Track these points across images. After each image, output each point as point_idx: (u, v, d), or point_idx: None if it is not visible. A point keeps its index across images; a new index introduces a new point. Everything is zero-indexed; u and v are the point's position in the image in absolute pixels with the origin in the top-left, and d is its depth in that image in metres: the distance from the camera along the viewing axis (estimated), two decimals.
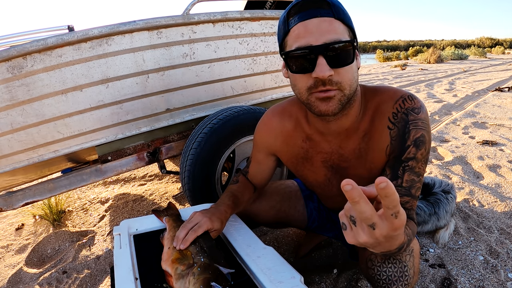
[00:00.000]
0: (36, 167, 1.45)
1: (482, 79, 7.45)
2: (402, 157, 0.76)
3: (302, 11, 0.69)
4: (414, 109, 0.76)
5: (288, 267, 0.79)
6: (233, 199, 0.97)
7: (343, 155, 0.86)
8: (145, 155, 1.55)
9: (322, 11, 0.67)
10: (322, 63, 0.66)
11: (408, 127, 0.75)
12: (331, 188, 0.96)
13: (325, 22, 0.67)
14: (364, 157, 0.83)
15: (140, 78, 1.42)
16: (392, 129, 0.77)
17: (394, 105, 0.77)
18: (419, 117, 0.75)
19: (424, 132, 0.75)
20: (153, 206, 2.07)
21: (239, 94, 1.70)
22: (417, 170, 0.75)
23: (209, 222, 0.83)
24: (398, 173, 0.76)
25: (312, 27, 0.67)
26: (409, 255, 0.80)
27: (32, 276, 1.51)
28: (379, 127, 0.79)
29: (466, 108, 4.24)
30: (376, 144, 0.80)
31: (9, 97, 1.22)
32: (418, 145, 0.75)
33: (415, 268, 0.81)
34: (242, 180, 1.07)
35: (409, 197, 0.75)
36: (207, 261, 0.73)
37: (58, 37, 1.23)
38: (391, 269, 0.77)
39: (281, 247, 1.52)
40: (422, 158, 0.76)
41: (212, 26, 1.53)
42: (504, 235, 1.49)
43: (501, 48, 23.73)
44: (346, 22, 0.69)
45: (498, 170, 2.21)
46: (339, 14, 0.68)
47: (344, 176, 0.89)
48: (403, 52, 20.93)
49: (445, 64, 12.69)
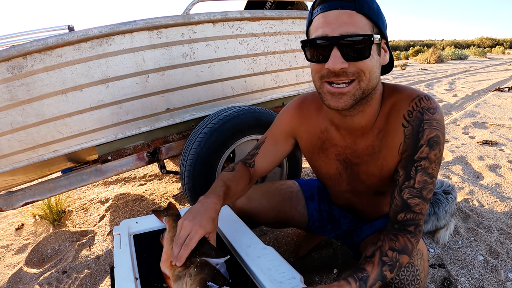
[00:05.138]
0: (36, 167, 1.45)
1: (482, 79, 7.45)
2: (414, 157, 0.75)
3: (326, 2, 0.69)
4: (430, 109, 0.75)
5: (288, 267, 0.79)
6: (225, 190, 0.89)
7: (356, 151, 0.87)
8: (145, 155, 1.55)
9: (344, 4, 0.67)
10: (336, 55, 0.67)
11: (423, 126, 0.75)
12: (341, 182, 0.96)
13: (345, 14, 0.67)
14: (377, 154, 0.83)
15: (140, 78, 1.42)
16: (407, 127, 0.77)
17: (410, 103, 0.77)
18: (434, 117, 0.75)
19: (439, 132, 0.74)
20: (153, 206, 2.07)
21: (239, 94, 1.70)
22: (430, 171, 0.75)
23: (200, 229, 0.77)
24: (411, 173, 0.75)
25: (331, 18, 0.67)
26: (420, 258, 0.80)
27: (32, 276, 1.51)
28: (393, 124, 0.79)
29: (466, 108, 4.24)
30: (389, 142, 0.80)
31: (9, 97, 1.22)
32: (432, 145, 0.74)
33: (425, 271, 0.81)
34: (239, 169, 0.99)
35: (420, 199, 0.74)
36: (203, 260, 0.73)
37: (58, 37, 1.23)
38: (404, 273, 0.78)
39: (281, 247, 1.52)
40: (435, 159, 0.75)
41: (212, 26, 1.53)
42: (504, 235, 1.49)
43: (501, 48, 23.73)
44: (370, 17, 0.68)
45: (498, 170, 2.21)
46: (363, 7, 0.67)
47: (355, 172, 0.90)
48: (403, 52, 20.94)
49: (445, 64, 12.69)
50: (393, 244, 0.72)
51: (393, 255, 0.71)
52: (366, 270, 0.69)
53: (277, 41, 1.74)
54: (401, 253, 0.72)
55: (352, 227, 1.13)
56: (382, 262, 0.70)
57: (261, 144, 1.03)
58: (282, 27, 1.74)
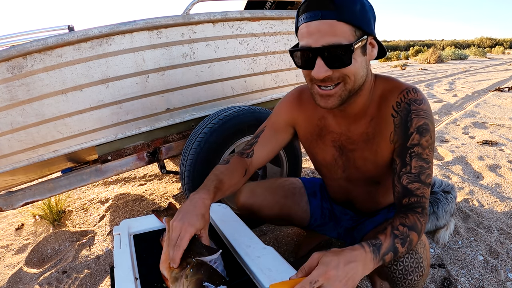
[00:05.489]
0: (36, 167, 1.45)
1: (482, 79, 7.45)
2: (407, 144, 0.80)
3: (308, 11, 0.72)
4: (417, 100, 0.80)
5: (288, 267, 0.79)
6: (217, 184, 0.89)
7: (351, 138, 0.91)
8: (145, 155, 1.55)
9: (325, 13, 0.69)
10: (320, 64, 0.72)
11: (410, 116, 0.80)
12: (336, 169, 1.00)
13: (325, 24, 0.70)
14: (371, 141, 0.87)
15: (140, 78, 1.42)
16: (396, 117, 0.82)
17: (399, 95, 0.82)
18: (421, 107, 0.79)
19: (427, 120, 0.79)
20: (153, 206, 2.07)
21: (239, 94, 1.70)
22: (424, 157, 0.78)
23: (190, 227, 0.77)
24: (406, 160, 0.79)
25: (313, 29, 0.71)
26: (423, 248, 0.85)
27: (32, 276, 1.51)
28: (384, 114, 0.84)
29: (466, 108, 4.24)
30: (382, 129, 0.85)
31: (9, 97, 1.22)
32: (422, 132, 0.78)
33: (427, 260, 0.85)
34: (234, 162, 0.98)
35: (419, 183, 0.78)
36: (199, 260, 0.73)
37: (58, 37, 1.23)
38: (408, 260, 0.81)
39: (281, 247, 1.52)
40: (427, 145, 0.79)
41: (212, 26, 1.53)
42: (504, 235, 1.49)
43: (501, 48, 23.73)
44: (351, 22, 0.70)
45: (498, 170, 2.21)
46: (343, 15, 0.69)
47: (350, 158, 0.94)
48: (403, 52, 20.94)
49: (445, 64, 12.69)
50: (404, 221, 0.74)
51: (404, 230, 0.72)
52: (379, 238, 0.70)
53: (277, 41, 1.74)
54: (411, 229, 0.73)
55: (354, 223, 1.14)
56: (394, 235, 0.71)
57: (260, 133, 1.04)
58: (282, 27, 1.74)
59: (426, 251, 0.85)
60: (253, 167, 1.03)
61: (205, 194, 0.84)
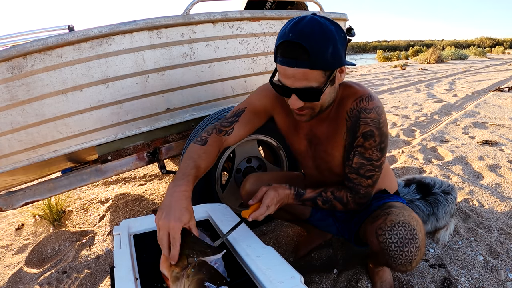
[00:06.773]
0: (36, 167, 1.45)
1: (482, 79, 7.45)
2: (353, 144, 0.95)
3: (284, 56, 0.82)
4: (366, 109, 0.91)
5: (288, 267, 0.79)
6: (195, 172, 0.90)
7: (316, 134, 1.05)
8: (145, 155, 1.55)
9: (299, 62, 0.79)
10: (294, 98, 0.87)
11: (359, 123, 0.92)
12: (307, 159, 1.12)
13: (299, 73, 0.81)
14: (330, 138, 1.01)
15: (140, 78, 1.42)
16: (348, 121, 0.95)
17: (353, 102, 0.93)
18: (369, 116, 0.91)
19: (373, 128, 0.91)
20: (153, 206, 2.07)
21: (239, 94, 1.70)
22: (367, 156, 0.94)
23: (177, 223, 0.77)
24: (350, 156, 0.97)
25: (289, 74, 0.82)
26: (416, 222, 0.93)
27: (32, 276, 1.51)
28: (341, 117, 0.97)
29: (466, 108, 4.24)
30: (338, 130, 0.98)
31: (9, 97, 1.22)
32: (366, 137, 0.92)
33: (422, 233, 0.92)
34: (212, 142, 1.00)
35: (357, 175, 0.96)
36: (201, 260, 0.73)
37: (58, 37, 1.23)
38: (401, 232, 0.89)
39: (281, 247, 1.52)
40: (370, 147, 0.93)
41: (212, 26, 1.53)
42: (504, 235, 1.49)
43: (501, 48, 23.71)
44: (324, 68, 0.81)
45: (498, 170, 2.21)
46: (315, 64, 0.79)
47: (318, 150, 1.07)
48: (403, 52, 20.92)
49: (445, 64, 12.69)
50: (334, 191, 1.00)
51: (330, 196, 1.00)
52: (307, 191, 1.01)
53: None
54: (336, 199, 0.99)
55: (346, 215, 1.19)
56: (320, 195, 1.01)
57: (240, 112, 1.09)
58: None
59: (420, 226, 0.93)
60: (227, 145, 1.07)
61: (184, 187, 0.84)
